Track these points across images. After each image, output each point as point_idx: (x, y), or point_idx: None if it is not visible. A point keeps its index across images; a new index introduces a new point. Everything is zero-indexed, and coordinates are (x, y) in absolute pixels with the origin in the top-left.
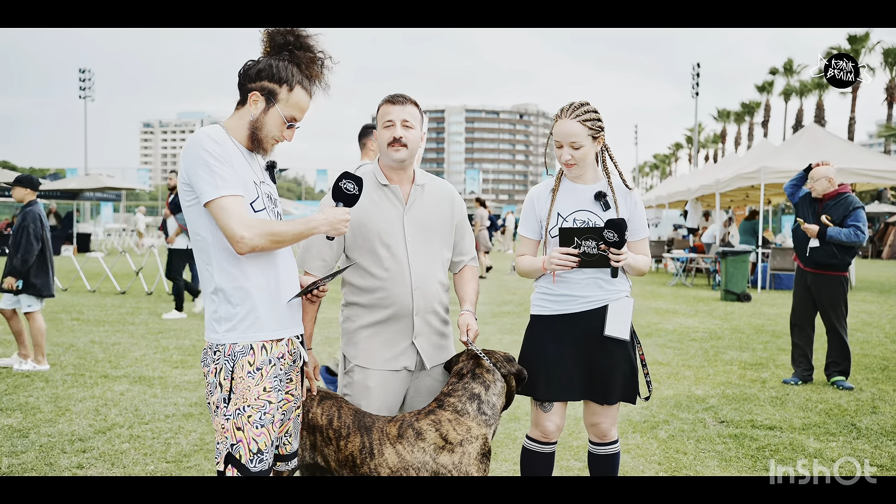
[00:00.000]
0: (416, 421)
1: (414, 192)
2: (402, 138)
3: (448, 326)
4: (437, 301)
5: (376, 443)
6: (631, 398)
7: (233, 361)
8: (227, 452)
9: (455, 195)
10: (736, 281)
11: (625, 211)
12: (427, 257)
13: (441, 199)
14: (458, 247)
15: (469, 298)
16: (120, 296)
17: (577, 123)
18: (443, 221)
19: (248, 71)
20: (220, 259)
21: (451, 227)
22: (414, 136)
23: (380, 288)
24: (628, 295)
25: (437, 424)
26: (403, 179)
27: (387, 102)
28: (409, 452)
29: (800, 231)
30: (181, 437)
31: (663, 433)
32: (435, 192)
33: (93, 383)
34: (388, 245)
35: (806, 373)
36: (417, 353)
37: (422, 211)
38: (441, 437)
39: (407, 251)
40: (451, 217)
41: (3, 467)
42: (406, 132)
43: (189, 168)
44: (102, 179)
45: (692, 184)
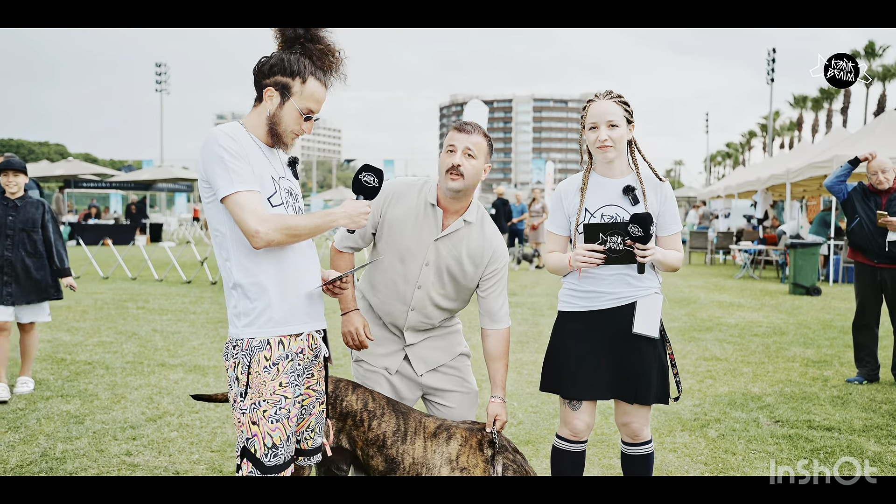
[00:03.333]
0: (454, 427)
1: (455, 224)
2: (460, 167)
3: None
4: (435, 321)
5: (412, 430)
6: (664, 399)
7: (250, 356)
8: (243, 446)
9: (491, 256)
10: (805, 274)
11: (655, 204)
12: (436, 288)
13: (474, 252)
14: (485, 306)
15: (497, 381)
16: (185, 285)
17: (614, 104)
18: (463, 273)
19: (262, 67)
20: (238, 254)
21: (470, 283)
22: (474, 167)
23: (383, 293)
24: (658, 291)
25: (463, 443)
26: (453, 207)
27: (455, 129)
28: (433, 451)
29: (866, 227)
30: (228, 426)
31: (713, 432)
32: (474, 240)
33: (149, 371)
34: (405, 261)
35: (872, 372)
36: (409, 362)
37: (452, 249)
38: (456, 454)
39: (419, 276)
40: (474, 276)
41: (57, 452)
42: (466, 161)
43: (206, 165)
44: (174, 170)
45: (762, 173)
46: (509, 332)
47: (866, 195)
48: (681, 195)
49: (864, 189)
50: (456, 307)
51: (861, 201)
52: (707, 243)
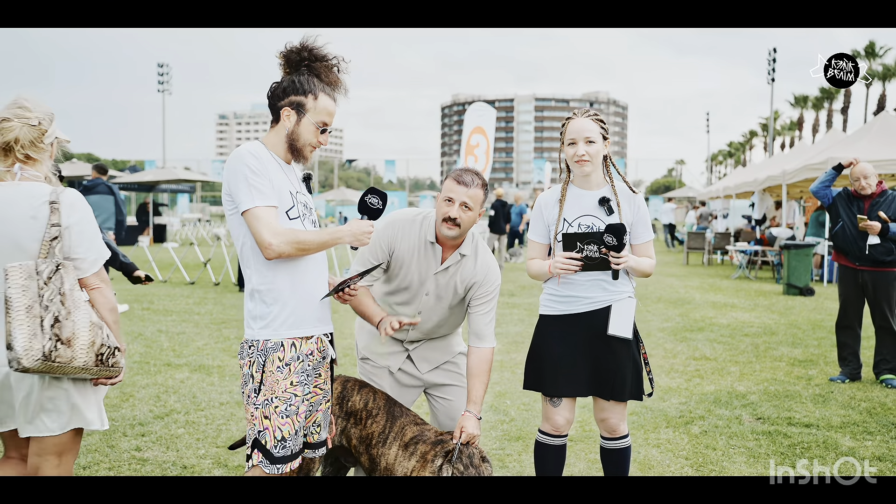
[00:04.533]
0: (423, 444)
1: (452, 258)
2: (457, 219)
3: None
4: (437, 333)
5: (393, 434)
6: (638, 395)
7: (264, 356)
8: (255, 438)
9: (483, 279)
10: (798, 274)
11: (628, 214)
12: (436, 312)
13: (465, 279)
14: (473, 325)
15: (473, 397)
16: (189, 286)
17: (591, 121)
18: (456, 297)
19: (276, 91)
20: (257, 263)
21: (462, 306)
22: (469, 218)
23: (391, 301)
24: (631, 296)
25: (426, 453)
26: (449, 243)
27: (454, 180)
28: (403, 459)
29: (848, 230)
30: (232, 423)
31: (696, 429)
32: (467, 269)
33: (156, 371)
34: (409, 289)
35: (855, 371)
36: (411, 361)
37: (450, 279)
38: (411, 470)
39: (420, 302)
40: (464, 300)
41: None
42: (462, 214)
43: (230, 180)
44: (177, 172)
45: (759, 174)
46: (493, 353)
47: (850, 200)
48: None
49: (848, 194)
50: (453, 325)
51: (845, 206)
52: (705, 244)
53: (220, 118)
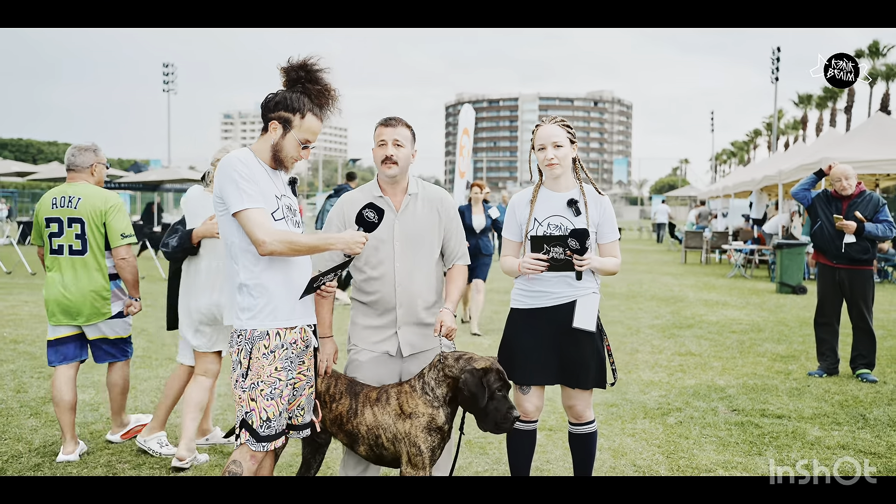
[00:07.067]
0: (390, 388)
1: (405, 201)
2: (393, 156)
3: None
4: (419, 297)
5: (360, 405)
6: (602, 384)
7: (251, 344)
8: (242, 419)
9: (443, 199)
10: (791, 273)
11: (595, 215)
12: (413, 259)
13: (429, 204)
14: (446, 248)
15: (451, 297)
16: None
17: (558, 127)
18: (430, 225)
19: (268, 103)
20: (245, 260)
21: (439, 231)
22: (404, 154)
23: (370, 283)
24: (595, 291)
25: (398, 395)
26: (397, 191)
27: (381, 125)
28: (381, 413)
29: (826, 230)
30: (229, 414)
31: (672, 420)
32: (425, 199)
33: (158, 365)
34: (377, 248)
35: (832, 366)
36: (398, 342)
37: (412, 218)
38: (399, 405)
39: (394, 253)
40: (439, 221)
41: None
42: (397, 150)
43: (221, 184)
44: (181, 171)
45: (757, 174)
46: (466, 269)
47: (829, 200)
48: (684, 194)
49: (827, 195)
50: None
51: (823, 206)
52: (703, 243)
53: (225, 117)
